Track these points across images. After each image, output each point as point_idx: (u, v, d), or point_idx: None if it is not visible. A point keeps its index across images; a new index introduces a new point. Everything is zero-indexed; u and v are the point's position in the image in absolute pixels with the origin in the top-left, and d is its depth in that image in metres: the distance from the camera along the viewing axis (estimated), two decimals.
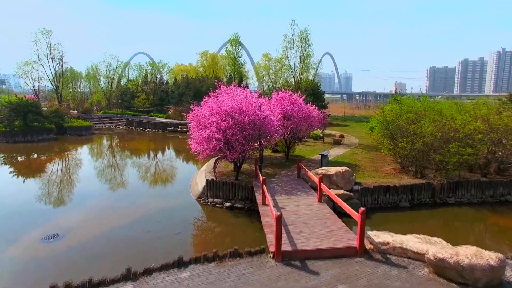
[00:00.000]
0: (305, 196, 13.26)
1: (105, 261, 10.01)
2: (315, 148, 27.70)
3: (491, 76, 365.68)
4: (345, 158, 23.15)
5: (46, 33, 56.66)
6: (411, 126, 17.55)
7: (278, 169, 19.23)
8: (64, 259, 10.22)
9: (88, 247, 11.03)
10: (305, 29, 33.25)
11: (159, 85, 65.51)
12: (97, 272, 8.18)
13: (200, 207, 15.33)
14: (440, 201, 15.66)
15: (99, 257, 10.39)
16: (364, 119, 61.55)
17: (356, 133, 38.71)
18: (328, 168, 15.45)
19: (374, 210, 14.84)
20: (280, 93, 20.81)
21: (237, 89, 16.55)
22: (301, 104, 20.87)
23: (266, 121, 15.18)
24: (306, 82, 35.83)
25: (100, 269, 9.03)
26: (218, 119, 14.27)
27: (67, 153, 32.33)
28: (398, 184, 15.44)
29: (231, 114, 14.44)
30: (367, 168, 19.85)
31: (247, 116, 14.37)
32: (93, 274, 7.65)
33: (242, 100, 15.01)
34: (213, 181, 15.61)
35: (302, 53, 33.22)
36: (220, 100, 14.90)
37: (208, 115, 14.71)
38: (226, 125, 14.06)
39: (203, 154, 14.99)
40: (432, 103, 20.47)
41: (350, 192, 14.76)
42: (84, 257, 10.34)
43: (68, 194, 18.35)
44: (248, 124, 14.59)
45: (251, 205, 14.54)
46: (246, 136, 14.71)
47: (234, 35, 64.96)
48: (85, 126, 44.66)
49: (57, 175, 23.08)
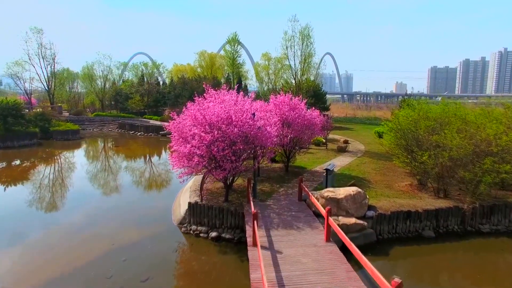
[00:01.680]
0: (308, 229, 10.52)
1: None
2: (318, 156, 25.02)
3: (493, 76, 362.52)
4: (352, 169, 20.49)
5: (37, 31, 54.08)
6: (433, 136, 14.87)
7: (276, 185, 16.57)
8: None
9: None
10: (306, 26, 30.50)
11: (154, 85, 62.89)
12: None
13: (181, 237, 12.66)
14: (471, 229, 12.96)
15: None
16: (366, 121, 59.10)
17: (361, 138, 36.06)
18: (335, 190, 12.76)
19: (392, 241, 12.16)
20: (278, 97, 18.11)
21: (226, 93, 13.90)
22: (302, 109, 18.19)
23: (260, 133, 12.49)
24: (307, 83, 33.04)
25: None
26: (201, 131, 11.60)
27: (43, 161, 29.70)
28: (420, 209, 12.75)
29: (217, 125, 11.76)
30: (379, 184, 17.19)
31: (237, 127, 11.68)
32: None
33: (231, 107, 12.33)
34: (196, 204, 12.94)
35: (303, 52, 30.52)
36: (204, 108, 12.22)
37: (189, 126, 12.05)
38: (210, 139, 11.39)
39: (185, 173, 12.35)
40: (453, 108, 17.75)
41: (363, 218, 12.10)
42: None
43: (13, 225, 14.17)
44: (239, 136, 11.90)
45: (241, 236, 11.85)
46: (236, 152, 12.04)
47: (233, 34, 62.33)
48: (72, 130, 42.00)
49: (12, 191, 20.25)
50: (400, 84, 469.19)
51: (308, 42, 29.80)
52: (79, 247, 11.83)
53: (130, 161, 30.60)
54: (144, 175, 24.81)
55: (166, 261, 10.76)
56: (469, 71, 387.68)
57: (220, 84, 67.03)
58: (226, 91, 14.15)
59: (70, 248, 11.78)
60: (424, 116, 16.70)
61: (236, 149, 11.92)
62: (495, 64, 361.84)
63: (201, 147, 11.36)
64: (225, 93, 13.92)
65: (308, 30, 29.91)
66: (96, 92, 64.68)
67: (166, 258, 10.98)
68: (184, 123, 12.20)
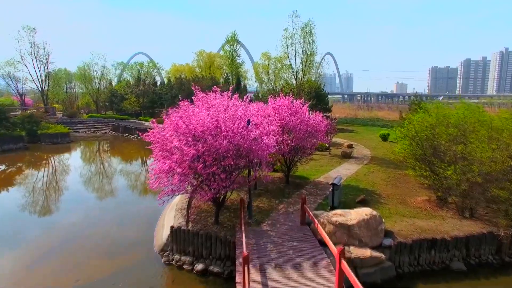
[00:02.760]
0: (313, 269, 8.36)
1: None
2: (321, 163, 22.97)
3: (494, 76, 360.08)
4: (359, 180, 18.43)
5: (30, 30, 52.09)
6: (457, 146, 12.80)
7: (275, 200, 14.52)
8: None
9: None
10: (308, 23, 28.10)
11: (150, 86, 60.79)
12: None
13: (161, 269, 10.59)
14: (510, 260, 10.88)
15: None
16: (369, 122, 57.05)
17: (365, 141, 34.00)
18: (345, 213, 10.67)
19: (414, 276, 10.09)
20: (278, 100, 16.02)
21: (216, 96, 11.83)
22: (304, 113, 16.11)
23: (256, 144, 10.40)
24: (309, 83, 30.78)
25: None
26: (183, 143, 9.52)
27: (22, 168, 27.62)
28: (448, 236, 10.66)
29: (203, 136, 9.67)
30: (391, 199, 15.14)
31: (227, 139, 9.59)
32: None
33: (220, 114, 10.24)
34: (179, 230, 10.86)
35: (304, 51, 28.30)
36: (188, 115, 10.12)
37: (170, 137, 9.97)
38: (194, 153, 9.31)
39: (166, 192, 10.21)
40: (475, 112, 15.64)
41: (379, 248, 10.03)
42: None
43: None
44: (229, 150, 9.81)
45: (232, 269, 9.78)
46: (226, 168, 9.97)
47: (232, 33, 60.30)
48: (61, 133, 39.86)
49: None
50: (400, 84, 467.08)
51: (310, 40, 27.59)
52: (36, 284, 9.74)
53: (119, 168, 28.54)
54: (128, 185, 22.69)
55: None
56: (470, 71, 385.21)
57: (218, 85, 65.32)
58: (216, 94, 12.05)
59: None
60: (445, 122, 14.61)
61: (226, 165, 9.85)
62: (496, 64, 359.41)
63: (182, 163, 9.28)
64: (215, 96, 11.82)
65: (310, 27, 27.70)
66: (90, 93, 62.49)
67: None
68: (164, 133, 10.10)
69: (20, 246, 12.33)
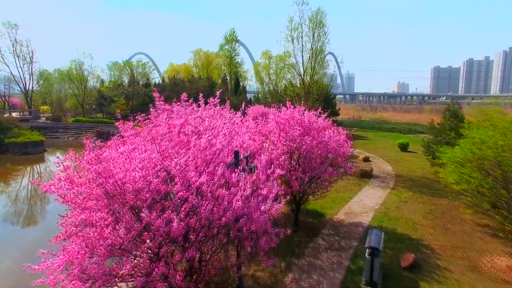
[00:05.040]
0: None
1: None
2: (336, 188, 17.90)
3: (497, 76, 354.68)
4: (392, 217, 13.69)
5: (11, 27, 47.51)
6: None
7: (280, 264, 9.78)
8: None
9: None
10: (318, 11, 22.77)
11: (140, 87, 56.01)
12: None
13: None
14: None
15: None
16: (375, 125, 52.43)
17: (381, 152, 29.27)
18: None
19: None
20: (284, 111, 11.18)
21: (195, 109, 7.03)
22: (321, 130, 11.27)
23: (248, 208, 5.54)
24: (318, 85, 25.57)
25: None
26: (130, 198, 4.70)
27: None
28: None
29: (133, 203, 4.82)
30: (452, 257, 10.36)
31: (185, 211, 4.75)
32: None
33: (179, 153, 5.38)
34: None
35: (314, 45, 23.21)
36: (135, 147, 5.29)
37: (112, 178, 5.11)
38: (147, 220, 4.48)
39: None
40: None
41: None
42: None
43: None
44: (189, 231, 4.96)
45: None
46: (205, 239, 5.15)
47: (231, 31, 55.59)
48: (33, 142, 34.95)
49: None
50: (402, 84, 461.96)
51: (321, 32, 22.52)
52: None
53: None
54: None
55: None
56: (472, 71, 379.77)
57: (215, 85, 60.76)
58: (193, 108, 7.27)
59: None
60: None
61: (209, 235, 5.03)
62: (500, 63, 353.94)
63: (127, 233, 4.46)
64: (183, 112, 7.00)
65: (321, 16, 22.57)
66: (75, 94, 57.66)
67: None
68: (110, 170, 5.20)
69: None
